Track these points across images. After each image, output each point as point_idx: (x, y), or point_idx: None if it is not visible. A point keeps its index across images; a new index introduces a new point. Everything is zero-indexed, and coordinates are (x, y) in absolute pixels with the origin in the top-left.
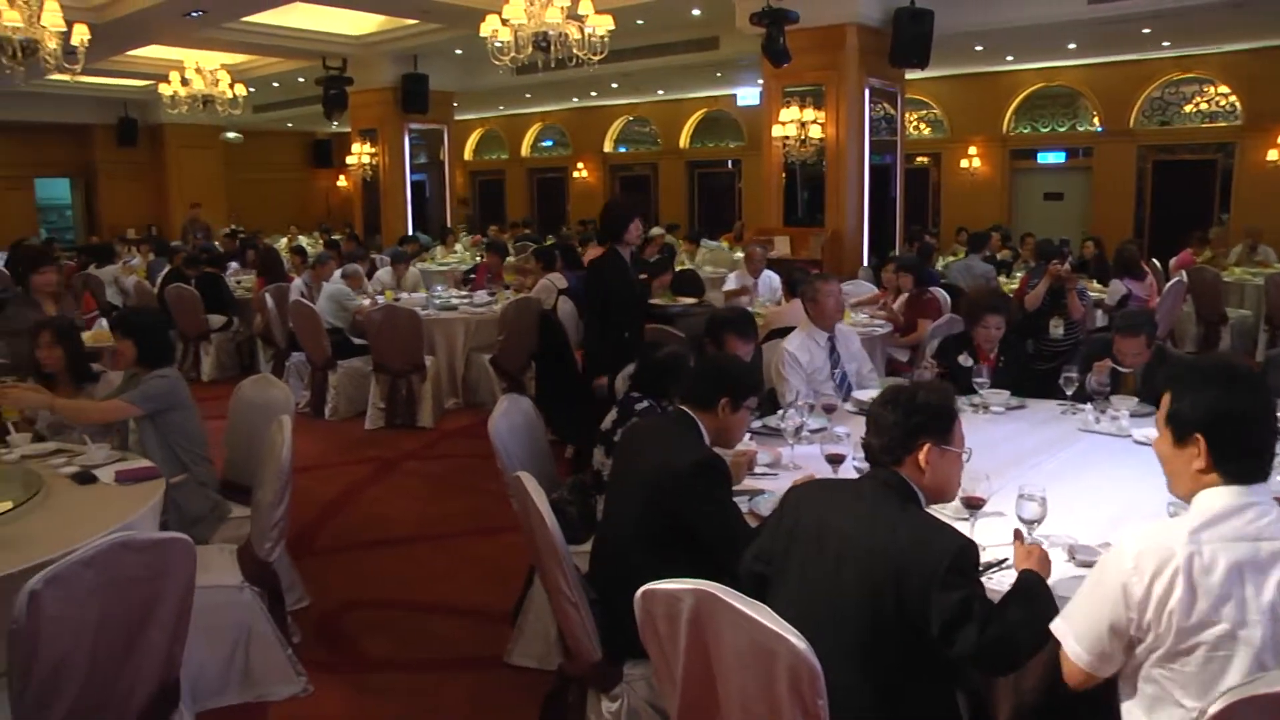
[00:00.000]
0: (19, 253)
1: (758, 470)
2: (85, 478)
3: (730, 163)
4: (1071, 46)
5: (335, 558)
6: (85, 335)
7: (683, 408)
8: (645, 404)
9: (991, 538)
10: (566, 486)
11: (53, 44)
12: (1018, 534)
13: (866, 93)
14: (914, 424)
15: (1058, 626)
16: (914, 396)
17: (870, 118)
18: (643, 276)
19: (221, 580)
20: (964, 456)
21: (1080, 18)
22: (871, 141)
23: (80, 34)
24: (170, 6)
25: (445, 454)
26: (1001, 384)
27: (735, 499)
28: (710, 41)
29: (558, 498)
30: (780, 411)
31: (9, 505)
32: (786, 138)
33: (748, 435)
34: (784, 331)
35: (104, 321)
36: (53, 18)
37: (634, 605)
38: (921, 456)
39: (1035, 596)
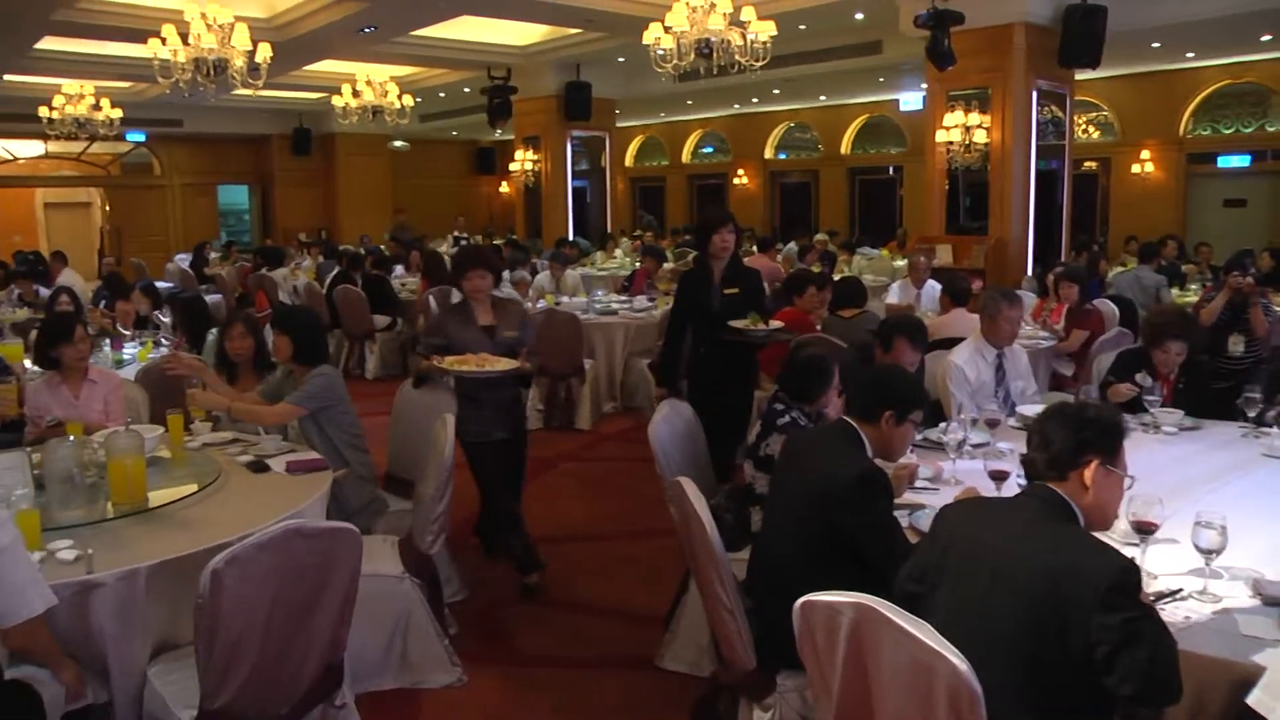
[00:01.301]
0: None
1: (918, 484)
2: (259, 466)
3: (892, 169)
4: (1265, 38)
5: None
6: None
7: (846, 419)
8: (787, 419)
9: (1164, 566)
10: (723, 494)
11: (239, 62)
12: None
13: (1034, 95)
14: (1084, 438)
15: (1258, 700)
16: (1083, 411)
17: (1037, 121)
18: (731, 291)
19: (383, 570)
20: (1125, 484)
21: None
22: (1038, 146)
23: (264, 52)
24: (345, 23)
25: (602, 457)
26: (1178, 407)
27: (895, 513)
28: (873, 45)
29: (715, 504)
30: (943, 425)
31: (195, 488)
32: (950, 143)
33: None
34: (947, 342)
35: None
36: (241, 38)
37: (792, 616)
38: (1088, 474)
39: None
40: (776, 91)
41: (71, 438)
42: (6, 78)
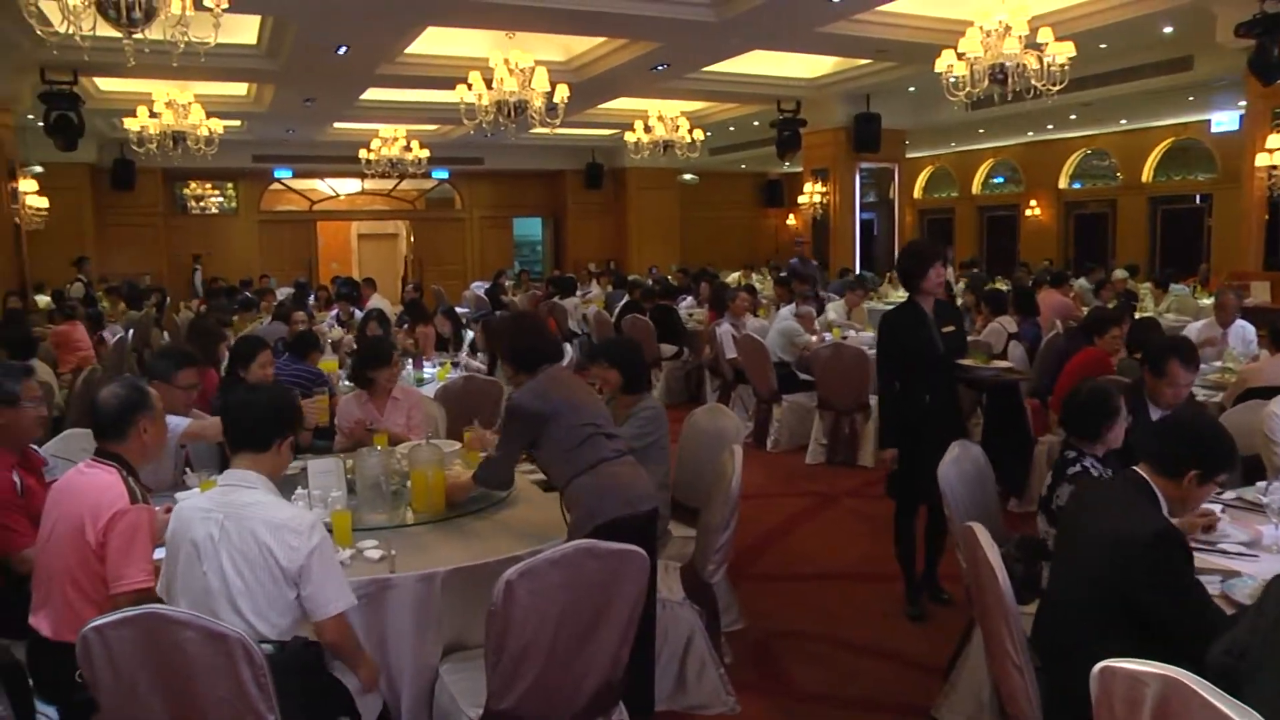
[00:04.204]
0: None
1: (1233, 550)
2: (549, 485)
3: (1199, 197)
4: None
5: (771, 585)
6: None
7: (1139, 470)
8: (1078, 468)
9: None
10: (1013, 543)
11: (538, 103)
12: None
13: None
14: None
15: None
16: None
17: None
18: (949, 329)
19: (666, 594)
20: None
21: None
22: None
23: (561, 93)
24: (638, 62)
25: (884, 495)
26: None
27: (1205, 578)
28: (1183, 62)
29: (1005, 553)
30: (1261, 484)
31: (488, 501)
32: (1273, 167)
33: (1219, 507)
34: (1265, 392)
35: (567, 347)
36: (540, 81)
37: (1089, 681)
38: None
39: None
40: (1074, 117)
41: (379, 448)
42: (335, 125)
